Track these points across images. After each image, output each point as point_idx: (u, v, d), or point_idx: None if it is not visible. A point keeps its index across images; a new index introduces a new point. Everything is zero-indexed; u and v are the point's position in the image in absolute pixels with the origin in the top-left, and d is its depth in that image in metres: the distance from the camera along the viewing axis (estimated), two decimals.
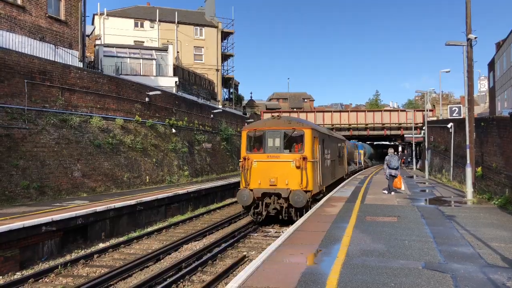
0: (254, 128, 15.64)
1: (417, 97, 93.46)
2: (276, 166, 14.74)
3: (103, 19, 43.16)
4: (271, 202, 14.82)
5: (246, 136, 15.63)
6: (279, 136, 15.06)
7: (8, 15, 18.94)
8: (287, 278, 6.36)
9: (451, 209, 13.89)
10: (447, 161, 28.76)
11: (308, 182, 14.60)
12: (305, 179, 14.52)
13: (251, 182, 14.98)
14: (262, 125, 15.90)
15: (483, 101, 62.82)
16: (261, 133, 15.36)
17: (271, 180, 14.64)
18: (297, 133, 15.07)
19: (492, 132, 17.09)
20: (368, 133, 51.58)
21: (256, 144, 15.59)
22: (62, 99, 18.55)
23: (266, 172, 14.80)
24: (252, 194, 14.70)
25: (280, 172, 14.66)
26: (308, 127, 15.35)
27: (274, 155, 14.87)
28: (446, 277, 6.38)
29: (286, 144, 15.18)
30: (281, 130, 15.10)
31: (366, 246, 8.37)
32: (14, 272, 10.30)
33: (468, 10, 17.09)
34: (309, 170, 14.66)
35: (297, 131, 15.07)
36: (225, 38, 51.90)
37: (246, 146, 15.53)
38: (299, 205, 14.03)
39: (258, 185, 14.87)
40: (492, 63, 44.63)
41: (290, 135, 15.08)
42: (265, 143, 15.15)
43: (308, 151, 14.84)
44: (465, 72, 17.18)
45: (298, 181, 14.51)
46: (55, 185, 16.93)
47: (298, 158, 14.48)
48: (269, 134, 15.20)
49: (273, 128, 15.26)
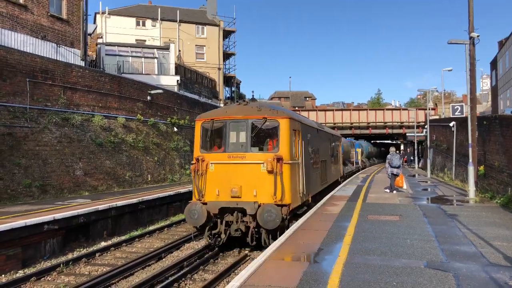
0: (212, 118, 11.51)
1: (419, 95, 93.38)
2: (241, 170, 10.78)
3: (105, 18, 43.15)
4: (234, 220, 10.84)
5: (200, 129, 11.61)
6: (244, 129, 11.11)
7: (10, 14, 18.95)
8: (288, 277, 6.36)
9: (453, 208, 13.87)
10: (449, 160, 28.70)
11: (285, 193, 10.59)
12: (280, 188, 10.49)
13: (207, 193, 11.05)
14: (222, 113, 11.67)
15: (486, 99, 62.63)
16: (220, 124, 11.35)
17: (233, 190, 10.68)
18: (270, 124, 11.07)
19: (495, 131, 17.05)
20: (370, 131, 51.55)
21: (214, 139, 11.71)
22: (64, 98, 18.58)
23: (227, 178, 10.85)
24: (206, 210, 10.71)
25: (245, 178, 10.73)
26: (285, 116, 11.19)
27: (237, 155, 10.89)
28: (448, 276, 6.37)
29: (255, 140, 11.15)
30: (247, 120, 11.06)
31: (368, 245, 8.36)
32: (16, 271, 10.33)
33: (470, 9, 17.04)
34: (286, 176, 10.71)
35: (269, 122, 11.04)
36: (227, 37, 51.84)
37: (200, 143, 11.51)
38: (270, 226, 10.08)
39: (216, 197, 10.91)
40: (495, 62, 44.47)
41: (261, 127, 11.01)
42: (225, 139, 11.18)
43: (285, 149, 10.88)
44: (468, 70, 17.13)
45: (270, 191, 10.50)
46: (57, 184, 16.96)
47: (271, 159, 10.48)
48: (232, 125, 11.26)
49: (237, 117, 11.23)
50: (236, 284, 6.03)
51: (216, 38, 48.43)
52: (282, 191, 10.58)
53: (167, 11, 47.29)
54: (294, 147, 11.64)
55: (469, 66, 17.06)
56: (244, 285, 6.06)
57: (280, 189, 10.56)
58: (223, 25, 49.72)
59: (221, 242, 11.29)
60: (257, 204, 10.44)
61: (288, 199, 10.72)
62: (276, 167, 10.51)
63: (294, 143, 11.60)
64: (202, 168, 11.11)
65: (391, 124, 50.85)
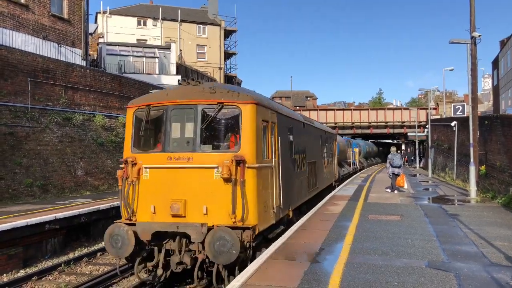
0: (147, 103, 8.43)
1: (421, 95, 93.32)
2: (186, 178, 7.81)
3: (106, 18, 43.19)
4: (176, 248, 7.78)
5: (132, 119, 8.58)
6: (192, 118, 8.03)
7: (12, 14, 18.98)
8: (289, 277, 6.35)
9: (455, 208, 13.85)
10: (451, 160, 28.67)
11: (248, 210, 7.67)
12: (240, 203, 7.59)
13: (139, 210, 8.09)
14: (162, 96, 8.51)
15: (487, 99, 62.60)
16: (159, 112, 8.28)
17: (174, 207, 7.69)
18: (229, 112, 8.02)
19: (496, 131, 17.02)
20: (371, 131, 51.56)
21: (150, 134, 8.65)
22: (65, 98, 18.60)
23: (166, 190, 7.86)
24: (133, 235, 7.60)
25: (192, 190, 7.77)
26: (249, 101, 8.05)
27: (182, 156, 7.87)
28: (449, 276, 6.36)
29: (207, 134, 8.12)
30: (196, 105, 8.01)
31: (369, 245, 8.35)
32: (17, 270, 10.34)
33: (472, 8, 17.01)
34: (251, 185, 7.75)
35: (228, 109, 7.99)
36: (228, 36, 51.84)
37: (131, 139, 8.49)
38: (223, 260, 7.18)
39: (151, 217, 7.94)
40: (496, 61, 44.42)
41: (215, 116, 7.95)
42: (165, 133, 8.12)
43: (249, 148, 7.84)
44: (469, 70, 17.10)
45: (227, 207, 7.61)
46: (58, 183, 16.98)
47: (228, 162, 7.59)
48: (174, 114, 8.17)
49: (182, 102, 8.13)
50: (236, 284, 6.03)
51: (217, 37, 48.45)
52: (244, 207, 7.55)
53: (168, 11, 47.33)
54: (266, 145, 8.61)
55: (471, 66, 17.03)
56: (245, 285, 6.05)
57: (241, 205, 7.52)
58: (224, 24, 49.73)
59: (161, 278, 8.08)
60: (206, 227, 7.34)
61: (253, 219, 7.66)
62: (235, 173, 7.51)
63: (265, 139, 8.60)
64: (133, 174, 8.04)
65: (392, 123, 50.85)
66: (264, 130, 8.60)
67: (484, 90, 65.75)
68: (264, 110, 8.61)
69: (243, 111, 7.93)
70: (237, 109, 7.96)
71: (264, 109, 8.65)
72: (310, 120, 16.24)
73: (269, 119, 8.86)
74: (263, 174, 8.29)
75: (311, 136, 14.77)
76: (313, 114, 50.14)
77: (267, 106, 8.90)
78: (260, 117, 8.27)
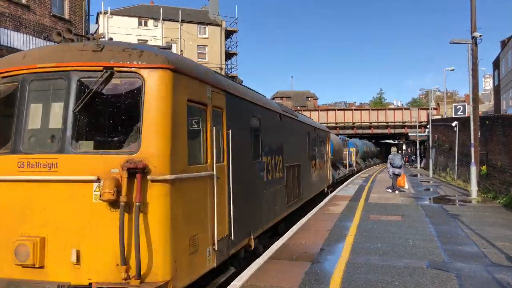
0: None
1: (422, 95, 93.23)
2: (45, 198, 4.61)
3: (107, 18, 43.24)
4: None
5: None
6: (62, 95, 4.80)
7: (13, 14, 19.01)
8: (290, 277, 6.36)
9: (456, 208, 13.86)
10: (452, 160, 28.66)
11: (152, 255, 4.46)
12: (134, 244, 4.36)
13: None
14: (18, 60, 5.10)
15: (488, 99, 62.54)
16: (11, 84, 5.06)
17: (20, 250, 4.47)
18: (123, 82, 4.78)
19: (497, 131, 17.02)
20: (372, 131, 51.58)
21: None
22: None
23: (13, 219, 4.68)
24: None
25: (56, 219, 4.57)
26: (161, 64, 4.70)
27: (40, 161, 4.64)
28: (450, 276, 6.36)
29: (86, 122, 4.83)
30: (68, 72, 4.75)
31: (370, 245, 8.36)
32: None
33: (473, 8, 17.02)
34: (158, 212, 4.53)
35: (121, 77, 4.74)
36: (229, 37, 51.86)
37: None
38: None
39: None
40: (497, 61, 44.40)
41: (99, 91, 4.71)
42: (18, 120, 4.87)
43: (157, 145, 4.58)
44: (470, 70, 17.10)
45: (113, 251, 4.41)
46: None
47: (118, 172, 4.45)
48: (34, 88, 4.94)
49: (46, 67, 4.83)
50: (237, 284, 6.03)
51: (218, 38, 48.48)
52: (147, 251, 4.46)
53: (169, 11, 47.37)
54: (198, 143, 5.56)
55: (472, 66, 17.03)
56: (246, 285, 6.06)
57: (137, 248, 4.35)
58: (225, 25, 49.76)
59: None
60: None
61: (161, 271, 4.48)
62: (128, 190, 4.43)
63: (201, 133, 5.61)
64: None
65: (393, 124, 50.85)
66: (196, 117, 5.41)
67: (485, 90, 65.70)
68: (194, 84, 5.34)
69: (148, 81, 4.64)
70: (138, 79, 4.68)
71: (195, 83, 5.38)
72: (292, 112, 12.68)
73: (206, 101, 5.65)
74: (188, 190, 5.08)
75: (293, 132, 11.85)
76: (313, 114, 50.15)
77: (201, 78, 5.56)
78: (183, 94, 5.01)
